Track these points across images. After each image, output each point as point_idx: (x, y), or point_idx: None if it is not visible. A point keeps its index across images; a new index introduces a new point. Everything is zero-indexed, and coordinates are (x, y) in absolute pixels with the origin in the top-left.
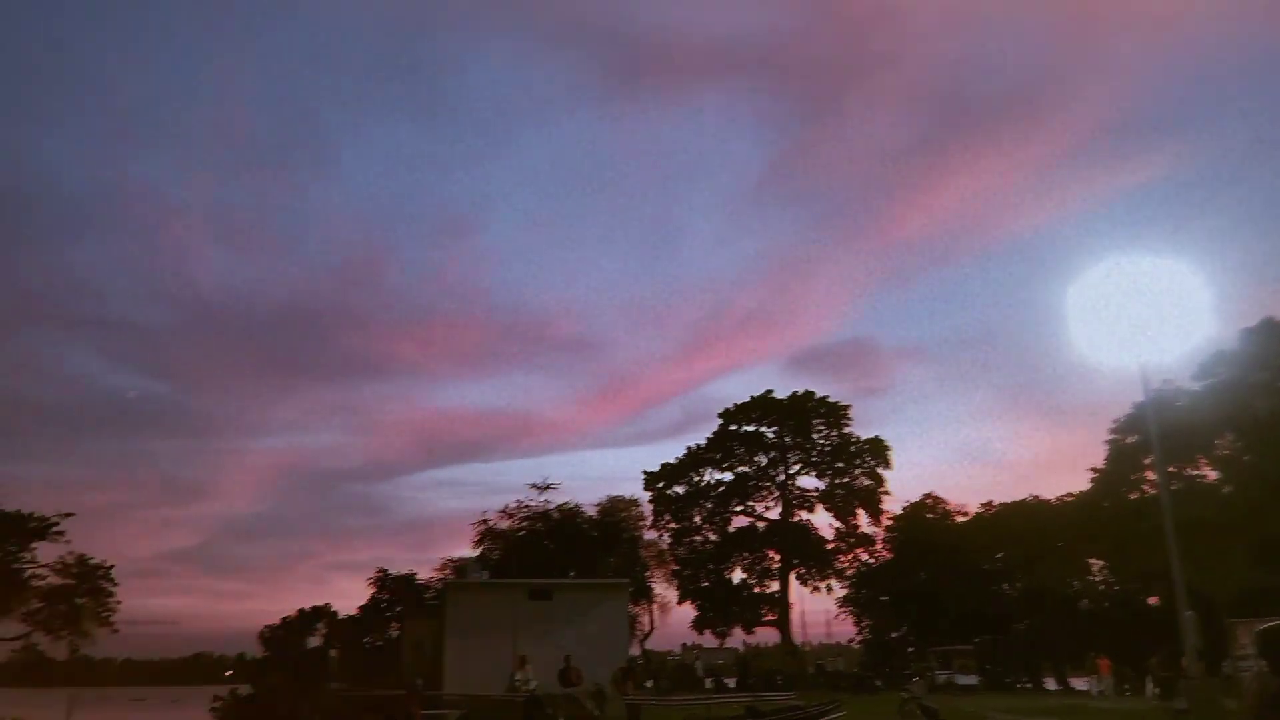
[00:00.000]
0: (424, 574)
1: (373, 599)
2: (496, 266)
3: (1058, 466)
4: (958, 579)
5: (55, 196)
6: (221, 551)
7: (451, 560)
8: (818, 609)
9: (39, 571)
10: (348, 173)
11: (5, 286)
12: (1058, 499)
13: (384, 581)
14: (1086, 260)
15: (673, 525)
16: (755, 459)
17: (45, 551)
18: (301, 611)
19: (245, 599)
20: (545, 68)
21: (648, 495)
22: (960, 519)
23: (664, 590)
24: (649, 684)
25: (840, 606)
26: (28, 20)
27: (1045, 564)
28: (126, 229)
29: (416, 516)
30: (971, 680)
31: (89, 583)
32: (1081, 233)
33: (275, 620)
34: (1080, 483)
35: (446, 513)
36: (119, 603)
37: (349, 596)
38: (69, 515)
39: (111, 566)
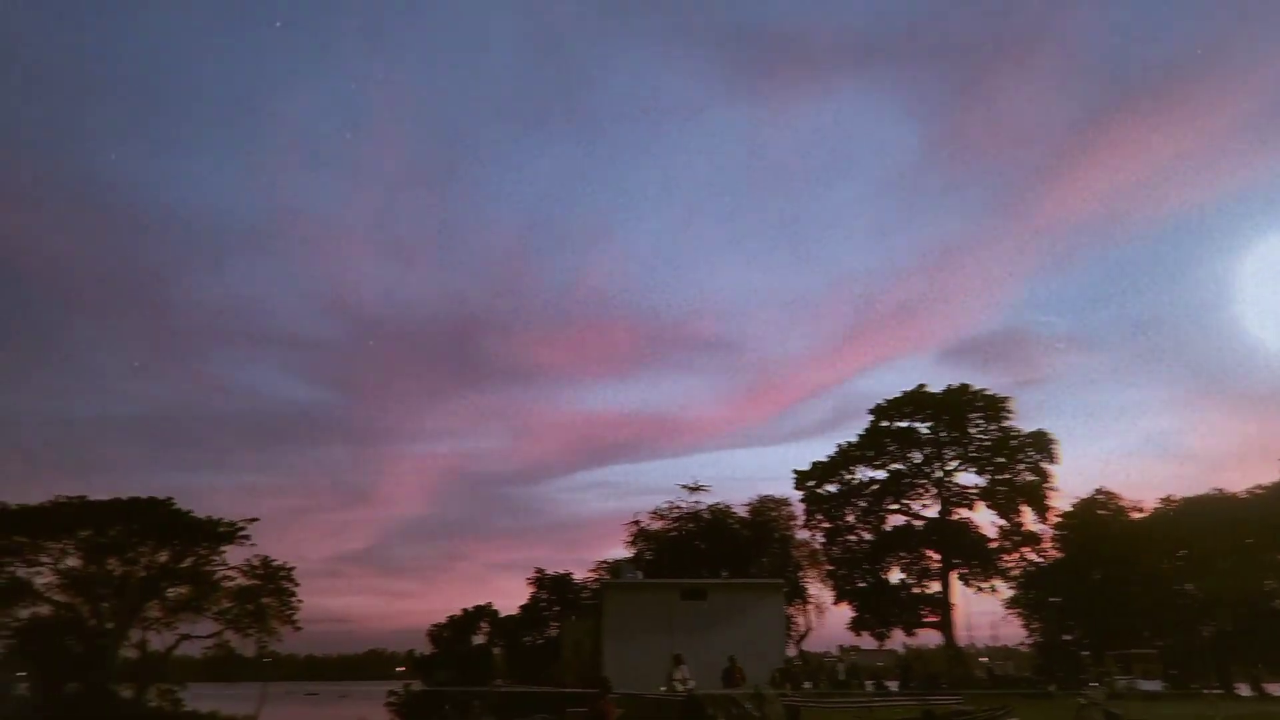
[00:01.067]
0: (577, 574)
1: (532, 598)
2: (639, 269)
3: (1244, 457)
4: (1135, 579)
5: (231, 222)
6: (390, 553)
7: (605, 561)
8: (983, 610)
9: (229, 573)
10: (497, 185)
11: (192, 309)
12: (1246, 492)
13: (542, 582)
14: (1266, 236)
15: (825, 524)
16: (909, 456)
17: (233, 555)
18: (465, 610)
19: (412, 598)
20: (681, 70)
21: (798, 494)
22: (1136, 515)
23: (819, 591)
24: (807, 685)
25: (1007, 608)
26: (200, 59)
27: (1231, 562)
28: (296, 250)
29: (568, 518)
30: (1155, 686)
31: (273, 583)
32: (1258, 207)
33: (441, 618)
34: (1271, 474)
35: (597, 514)
36: (300, 602)
37: (508, 596)
38: (253, 520)
39: (293, 568)
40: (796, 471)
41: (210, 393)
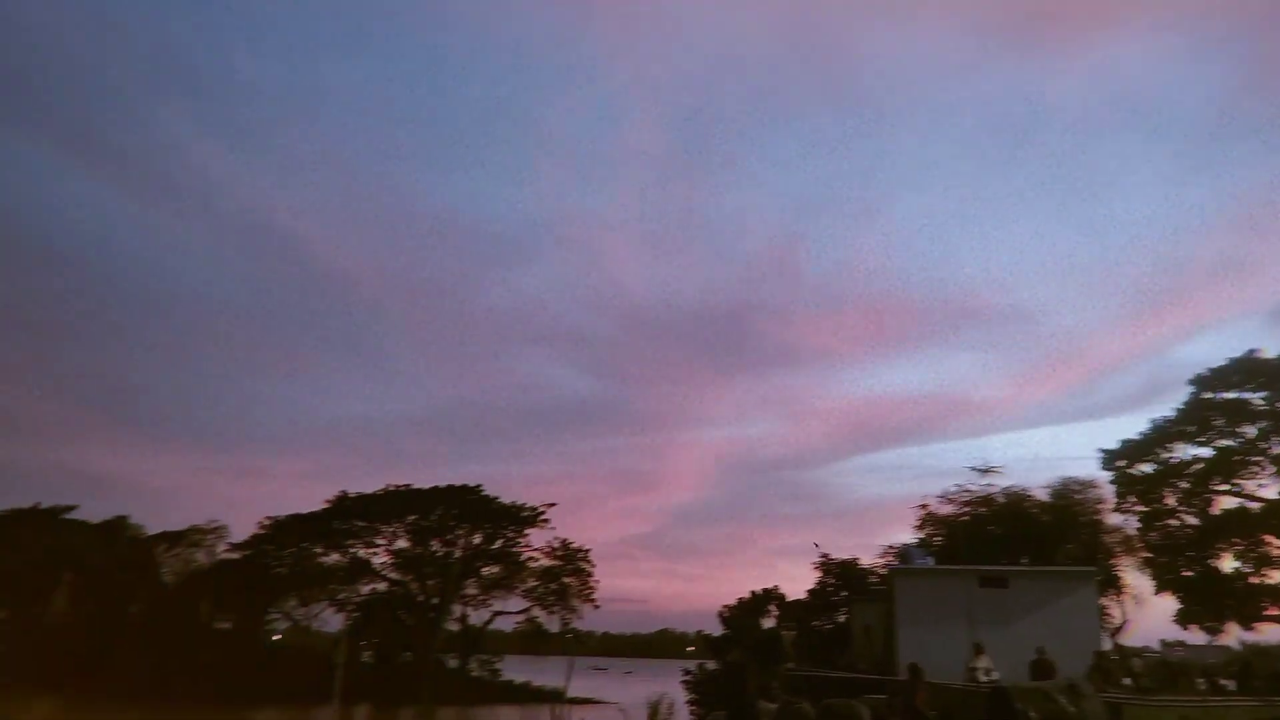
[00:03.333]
0: (863, 559)
1: (819, 583)
2: (914, 243)
3: None
4: None
5: (511, 230)
6: (673, 537)
7: (892, 546)
8: None
9: (533, 555)
10: (758, 171)
11: (483, 313)
12: None
13: (828, 566)
14: None
15: (1140, 508)
16: (1241, 431)
17: (535, 537)
18: (753, 593)
19: (698, 581)
20: (946, 28)
21: (1106, 475)
22: None
23: (1136, 580)
24: (1126, 681)
25: None
26: (469, 78)
27: None
28: (568, 251)
29: (849, 503)
30: None
31: (572, 564)
32: None
33: (729, 601)
34: None
35: (878, 498)
36: (598, 582)
37: (793, 580)
38: (552, 505)
39: (588, 550)
40: (1104, 451)
41: (502, 389)
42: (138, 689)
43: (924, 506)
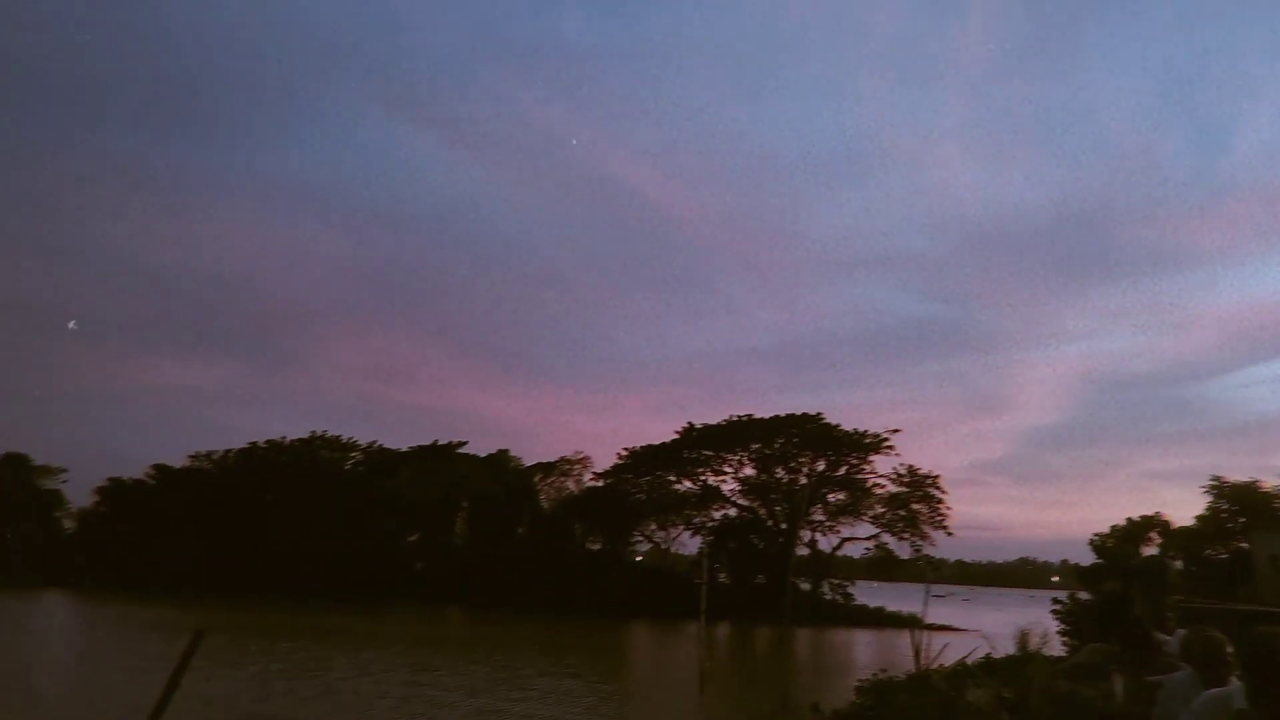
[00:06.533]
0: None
1: (1209, 508)
2: None
3: None
4: None
5: (835, 151)
6: (1028, 462)
7: None
8: None
9: (879, 481)
10: (1113, 49)
11: (810, 242)
12: None
13: (1221, 490)
14: None
15: None
16: None
17: (880, 464)
18: (1130, 520)
19: (1058, 508)
20: None
21: None
22: None
23: None
24: None
25: None
26: (774, 11)
27: None
28: (893, 170)
29: (1242, 419)
30: None
31: (920, 490)
32: None
33: (1099, 528)
34: None
35: None
36: (949, 509)
37: (1176, 506)
38: (896, 432)
39: (938, 476)
40: None
41: (834, 316)
42: (527, 602)
43: None
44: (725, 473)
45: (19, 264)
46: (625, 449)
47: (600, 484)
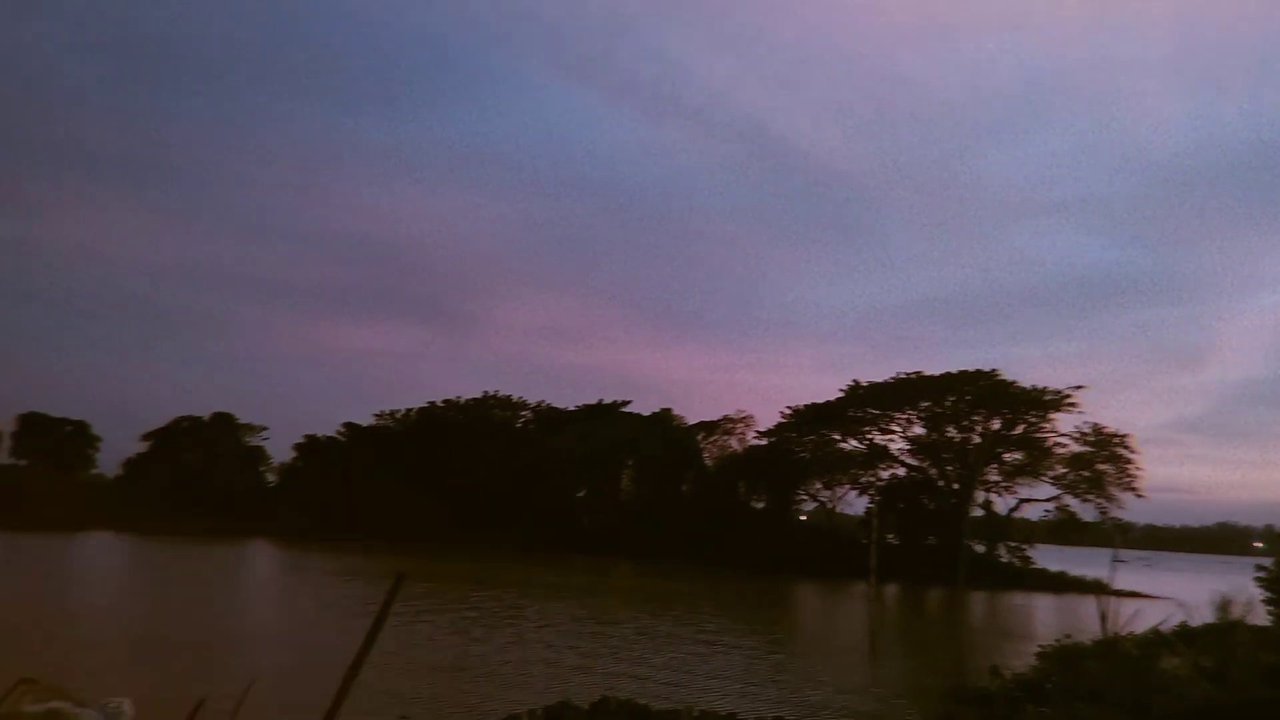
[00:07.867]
0: None
1: None
2: None
3: None
4: None
5: (1011, 92)
6: (1230, 419)
7: None
8: None
9: (1060, 440)
10: None
11: (980, 190)
12: None
13: None
14: None
15: None
16: None
17: (1063, 422)
18: None
19: (1264, 468)
20: None
21: None
22: None
23: None
24: None
25: None
26: None
27: None
28: (1081, 104)
29: None
30: None
31: (1106, 450)
32: None
33: None
34: None
35: None
36: (1140, 470)
37: None
38: (1080, 388)
39: (1126, 435)
40: None
41: (1009, 267)
42: (692, 558)
43: None
44: (893, 431)
45: (218, 235)
46: (789, 407)
47: (764, 443)
